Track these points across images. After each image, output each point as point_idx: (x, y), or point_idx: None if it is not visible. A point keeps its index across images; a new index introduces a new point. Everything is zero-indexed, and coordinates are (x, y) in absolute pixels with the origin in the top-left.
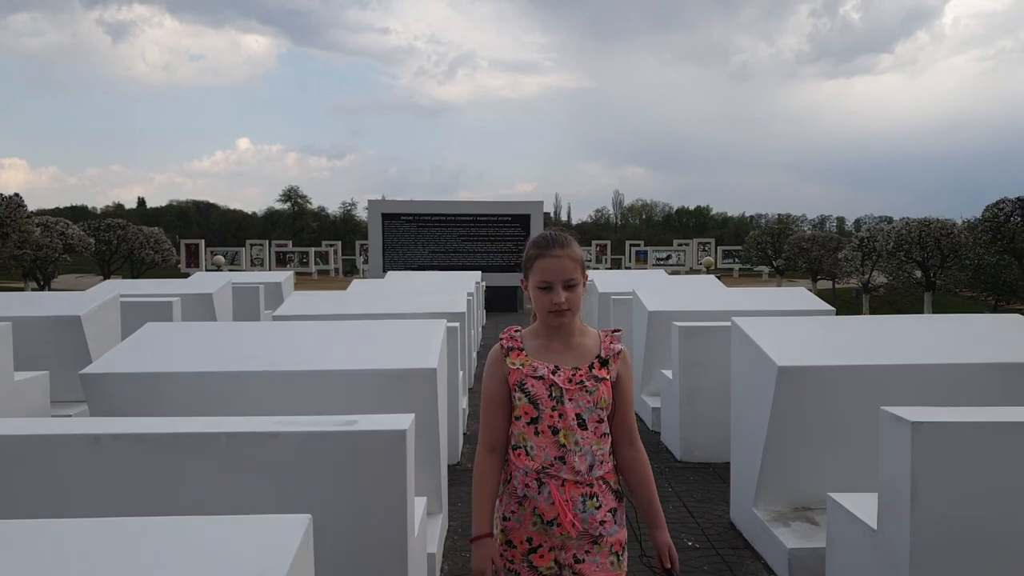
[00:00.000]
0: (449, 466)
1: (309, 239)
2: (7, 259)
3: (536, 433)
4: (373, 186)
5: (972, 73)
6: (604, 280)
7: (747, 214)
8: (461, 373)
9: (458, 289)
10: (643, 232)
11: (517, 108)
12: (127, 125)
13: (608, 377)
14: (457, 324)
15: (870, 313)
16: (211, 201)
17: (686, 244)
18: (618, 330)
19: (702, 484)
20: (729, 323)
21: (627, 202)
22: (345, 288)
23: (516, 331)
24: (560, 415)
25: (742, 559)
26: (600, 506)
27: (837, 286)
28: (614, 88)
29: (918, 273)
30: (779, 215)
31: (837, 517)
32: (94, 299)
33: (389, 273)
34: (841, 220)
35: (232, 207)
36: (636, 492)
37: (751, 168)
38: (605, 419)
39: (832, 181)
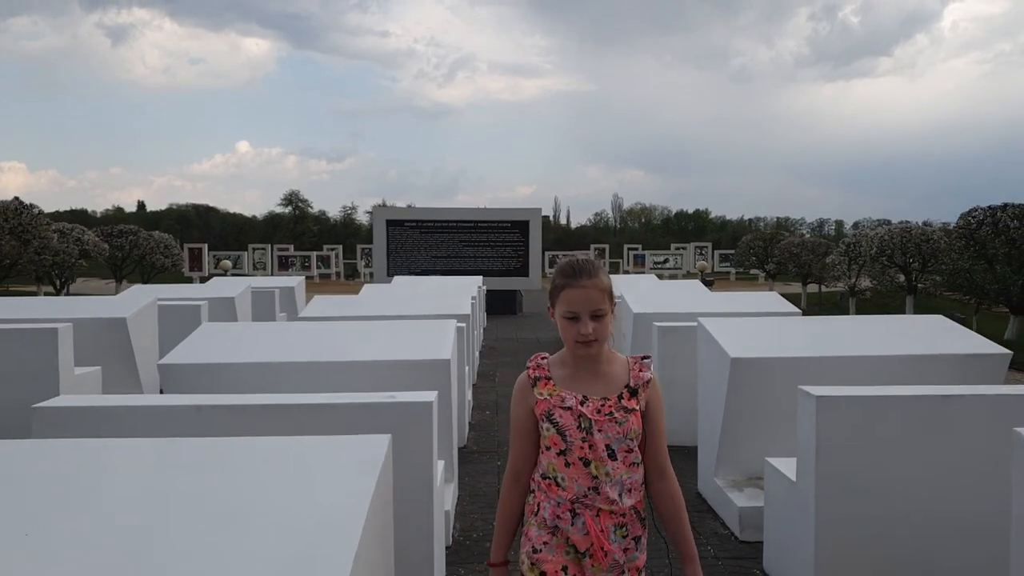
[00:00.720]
0: (458, 448)
1: (310, 243)
2: (26, 264)
3: (567, 464)
4: (372, 189)
5: (971, 76)
6: None
7: (745, 217)
8: (467, 368)
9: (462, 293)
10: (642, 236)
11: (517, 111)
12: (126, 128)
13: (638, 408)
14: (464, 325)
15: (856, 314)
16: (211, 204)
17: (683, 248)
18: (647, 357)
19: (676, 463)
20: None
21: (626, 205)
22: (355, 292)
23: (543, 359)
24: (590, 446)
25: (704, 519)
26: (627, 535)
27: (825, 289)
28: (613, 91)
29: (901, 277)
30: (778, 218)
31: (771, 476)
32: (135, 302)
33: (396, 278)
34: (840, 223)
35: (232, 210)
36: (668, 525)
37: (750, 171)
38: (635, 448)
39: (831, 184)
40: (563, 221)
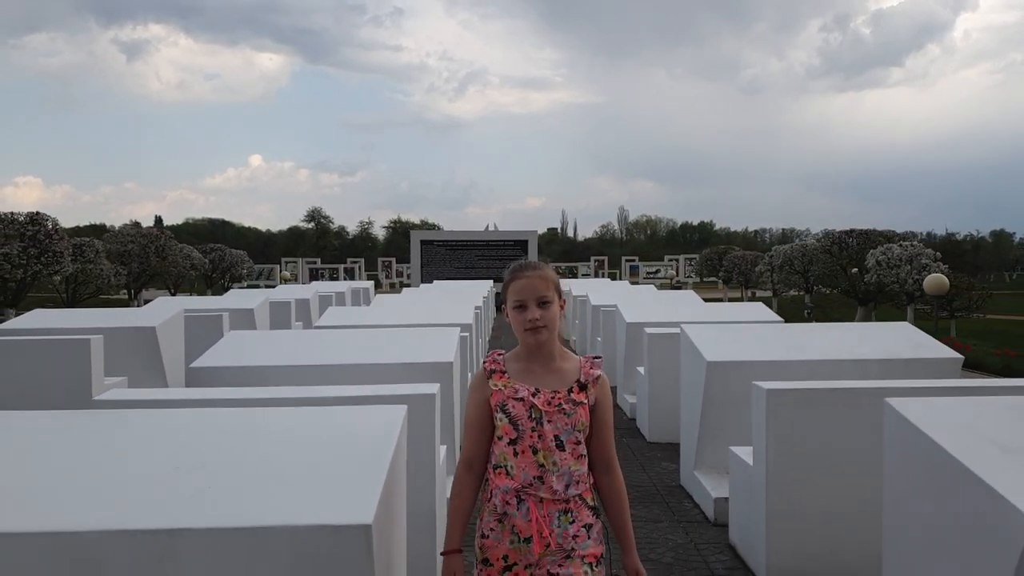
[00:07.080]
0: None
1: (332, 256)
2: (162, 275)
3: (515, 454)
4: (384, 201)
5: (983, 86)
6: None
7: (750, 228)
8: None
9: (477, 292)
10: (646, 247)
11: (527, 124)
12: (140, 143)
13: (586, 401)
14: (482, 303)
15: (778, 312)
16: (225, 218)
17: (675, 259)
18: (598, 357)
19: (661, 454)
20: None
21: (632, 217)
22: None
23: (499, 354)
24: (539, 436)
25: (683, 506)
26: (574, 521)
27: (757, 293)
28: (624, 103)
29: (802, 282)
30: (783, 229)
31: (734, 462)
32: (165, 312)
33: (436, 282)
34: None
35: (245, 224)
36: (611, 516)
37: (760, 182)
38: (583, 441)
39: (841, 194)
40: (570, 234)
